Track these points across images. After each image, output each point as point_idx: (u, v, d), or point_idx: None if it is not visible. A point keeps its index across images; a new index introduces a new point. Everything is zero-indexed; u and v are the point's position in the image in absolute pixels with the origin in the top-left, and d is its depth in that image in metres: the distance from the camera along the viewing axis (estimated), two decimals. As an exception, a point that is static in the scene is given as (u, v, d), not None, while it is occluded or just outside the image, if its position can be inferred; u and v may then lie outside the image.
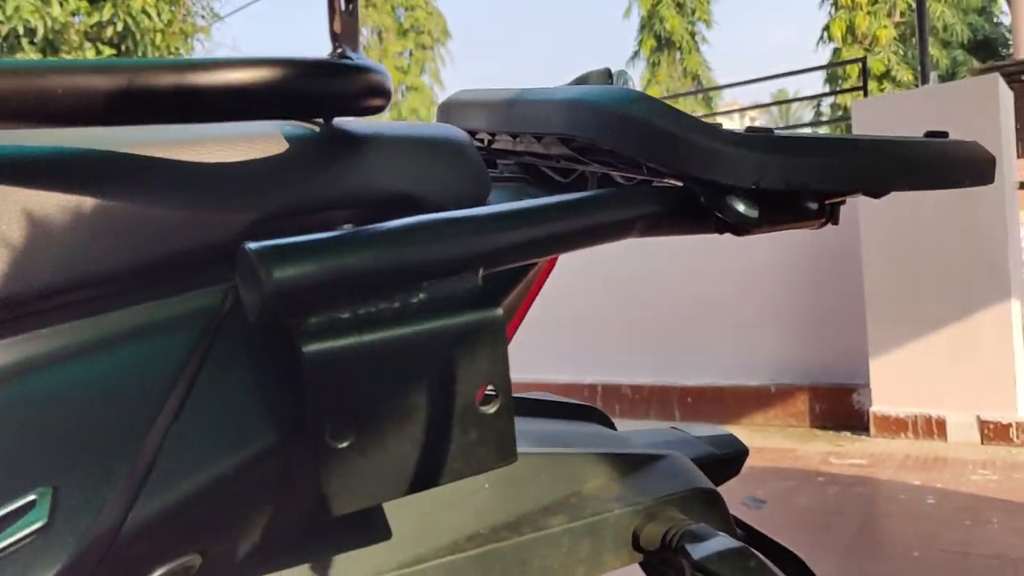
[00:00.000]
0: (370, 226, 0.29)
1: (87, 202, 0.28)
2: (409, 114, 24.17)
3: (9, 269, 0.27)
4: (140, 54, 8.86)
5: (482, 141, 0.51)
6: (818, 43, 20.26)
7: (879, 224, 3.79)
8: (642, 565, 0.49)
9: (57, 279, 0.27)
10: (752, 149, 0.35)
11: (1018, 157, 4.51)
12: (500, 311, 0.30)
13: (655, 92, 20.02)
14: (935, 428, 3.74)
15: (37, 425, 0.26)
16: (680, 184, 0.38)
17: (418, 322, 0.28)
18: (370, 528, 0.35)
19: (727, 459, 0.59)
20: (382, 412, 0.27)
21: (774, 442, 3.91)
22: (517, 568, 0.40)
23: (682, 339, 4.53)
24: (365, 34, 24.64)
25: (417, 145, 0.37)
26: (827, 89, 19.45)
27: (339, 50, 0.31)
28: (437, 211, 0.37)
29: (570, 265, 4.91)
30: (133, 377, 0.28)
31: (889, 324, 3.80)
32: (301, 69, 0.28)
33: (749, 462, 2.94)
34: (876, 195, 0.41)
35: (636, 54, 21.03)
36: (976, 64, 20.30)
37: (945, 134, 0.46)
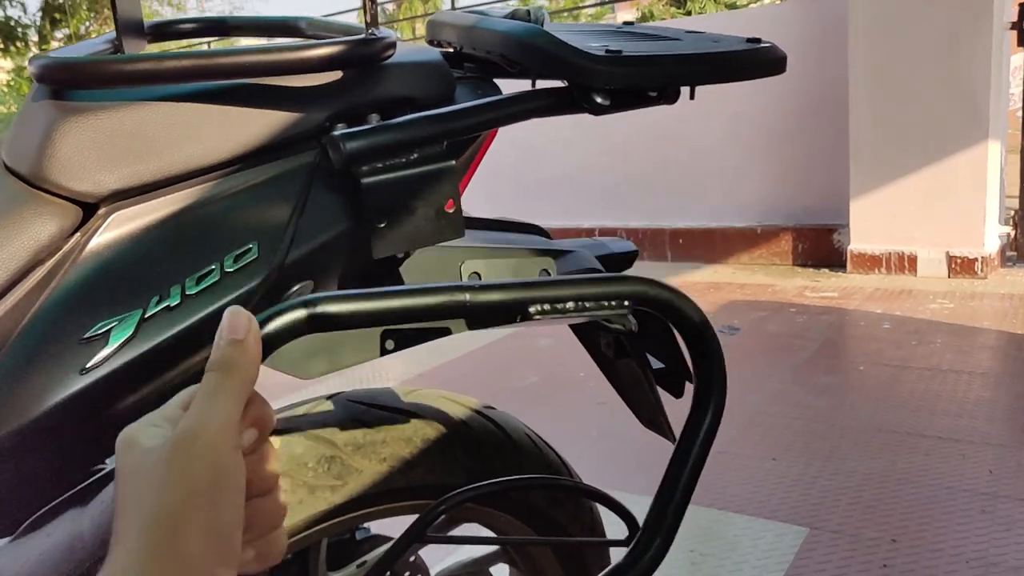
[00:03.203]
0: (390, 121, 0.57)
1: (239, 111, 0.56)
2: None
3: (204, 150, 0.56)
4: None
5: (457, 48, 0.77)
6: None
7: (868, 71, 3.92)
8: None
9: (232, 151, 0.57)
10: (605, 65, 0.61)
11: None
12: (454, 162, 0.59)
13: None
14: (907, 264, 4.05)
15: (242, 212, 0.56)
16: (564, 84, 0.65)
17: (421, 165, 0.57)
18: (391, 283, 0.66)
19: (622, 256, 0.89)
20: (401, 206, 0.56)
21: (755, 279, 4.25)
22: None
23: (673, 186, 4.78)
24: None
25: (413, 66, 0.64)
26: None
27: (370, 30, 0.57)
28: (425, 107, 0.64)
29: (565, 123, 4.95)
30: (278, 192, 0.57)
31: (870, 167, 4.01)
32: (354, 45, 0.55)
33: (730, 296, 3.32)
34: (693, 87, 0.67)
35: None
36: None
37: (758, 40, 0.71)
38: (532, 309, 0.44)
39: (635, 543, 0.55)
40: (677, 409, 0.78)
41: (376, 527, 1.06)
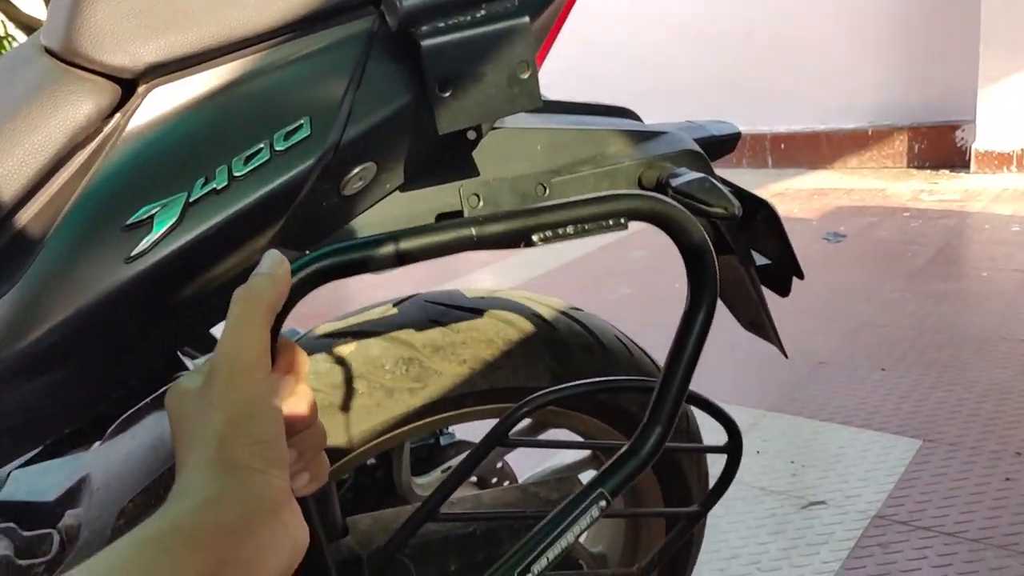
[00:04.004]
0: None
1: None
2: None
3: (249, 17, 0.50)
4: None
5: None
6: None
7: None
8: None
9: (280, 18, 0.51)
10: None
11: None
12: (528, 20, 0.51)
13: None
14: (1042, 162, 3.68)
15: (292, 85, 0.51)
16: None
17: (488, 23, 0.50)
18: (463, 168, 0.60)
19: (723, 139, 0.79)
20: (468, 72, 0.50)
21: (865, 183, 3.96)
22: (560, 195, 0.65)
23: (775, 84, 4.45)
24: None
25: None
26: None
27: None
28: None
29: (660, 18, 4.62)
30: (331, 63, 0.52)
31: (1005, 53, 3.60)
32: None
33: (835, 202, 3.08)
34: None
35: None
36: None
37: None
38: (535, 237, 0.47)
39: (638, 433, 0.57)
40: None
41: (462, 433, 1.04)
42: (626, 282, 2.93)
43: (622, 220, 0.49)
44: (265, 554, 0.35)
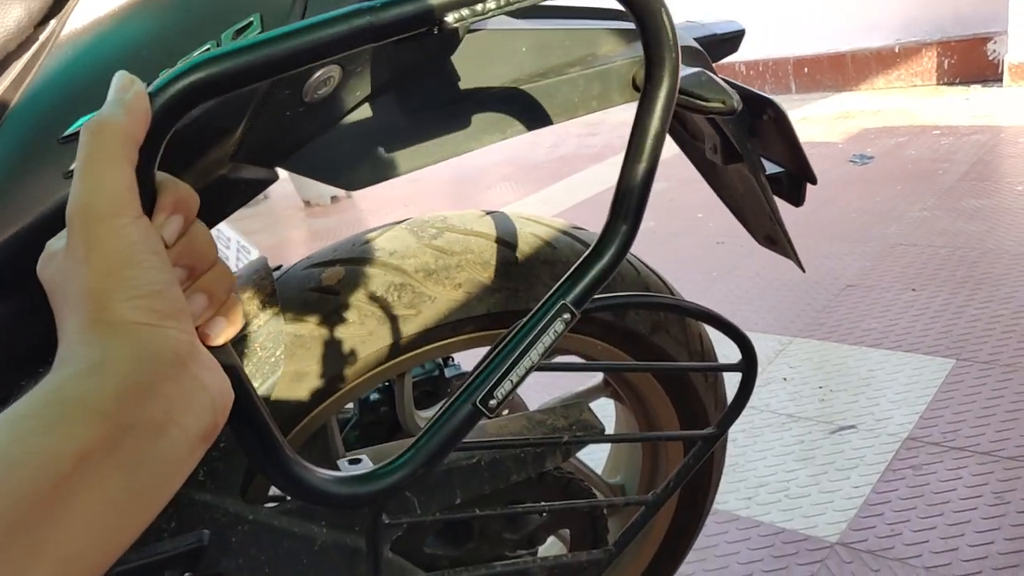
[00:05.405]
0: None
1: None
2: None
3: None
4: None
5: None
6: None
7: None
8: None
9: None
10: None
11: None
12: None
13: None
14: (1079, 71, 3.50)
15: None
16: None
17: None
18: (439, 72, 0.56)
19: (725, 38, 0.73)
20: None
21: (893, 103, 3.81)
22: (547, 100, 0.60)
23: (795, 4, 4.27)
24: None
25: None
26: None
27: None
28: None
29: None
30: None
31: (1038, -44, 3.42)
32: None
33: (862, 124, 2.95)
34: None
35: None
36: None
37: None
38: (450, 18, 0.39)
39: (601, 234, 0.49)
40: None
41: (468, 364, 1.01)
42: (649, 214, 2.86)
43: None
44: (176, 414, 0.32)
